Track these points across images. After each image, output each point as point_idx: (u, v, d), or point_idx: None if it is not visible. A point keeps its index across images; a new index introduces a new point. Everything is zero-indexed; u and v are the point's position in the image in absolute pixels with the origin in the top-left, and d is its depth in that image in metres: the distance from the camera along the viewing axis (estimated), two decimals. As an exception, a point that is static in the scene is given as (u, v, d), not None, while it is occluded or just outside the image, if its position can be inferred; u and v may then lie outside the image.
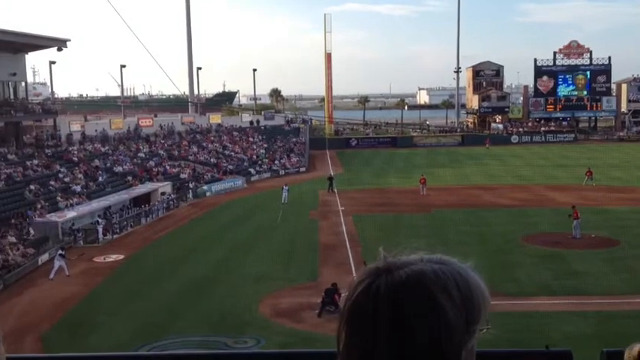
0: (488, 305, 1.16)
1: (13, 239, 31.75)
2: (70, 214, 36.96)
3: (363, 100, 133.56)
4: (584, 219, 32.29)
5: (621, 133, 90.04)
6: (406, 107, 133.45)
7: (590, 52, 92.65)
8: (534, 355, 2.14)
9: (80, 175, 47.04)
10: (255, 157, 66.40)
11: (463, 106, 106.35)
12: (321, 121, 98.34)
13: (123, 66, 76.96)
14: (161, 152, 60.32)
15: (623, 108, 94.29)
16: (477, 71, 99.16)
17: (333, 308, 20.84)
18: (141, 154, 57.76)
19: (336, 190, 47.83)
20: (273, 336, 19.83)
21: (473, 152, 74.08)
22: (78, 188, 43.81)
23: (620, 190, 45.83)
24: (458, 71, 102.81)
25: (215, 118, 77.13)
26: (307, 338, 18.98)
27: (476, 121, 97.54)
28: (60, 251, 29.04)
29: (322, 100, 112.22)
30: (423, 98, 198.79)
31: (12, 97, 52.44)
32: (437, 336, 1.09)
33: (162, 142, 63.88)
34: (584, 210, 34.33)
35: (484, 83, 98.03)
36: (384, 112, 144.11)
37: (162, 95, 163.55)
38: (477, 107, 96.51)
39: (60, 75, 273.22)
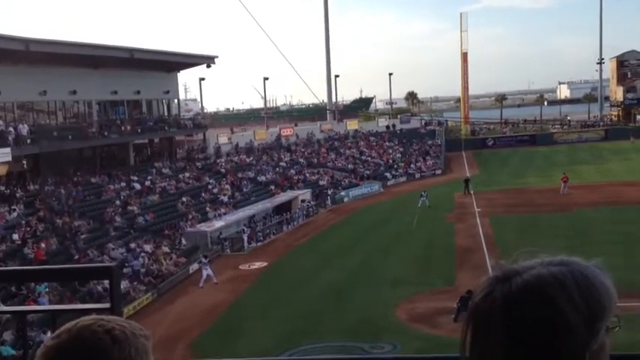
0: (613, 303, 1.12)
1: (166, 249, 33.28)
2: (218, 223, 38.88)
3: (500, 98, 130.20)
4: None
5: None
6: (546, 103, 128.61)
7: None
8: None
9: (227, 186, 49.31)
10: (391, 161, 67.28)
11: (607, 98, 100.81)
12: (456, 122, 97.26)
13: (266, 78, 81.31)
14: (301, 160, 62.40)
15: None
16: (621, 61, 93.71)
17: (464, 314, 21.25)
18: (282, 163, 59.97)
19: (472, 192, 47.75)
20: (410, 341, 20.17)
21: (617, 147, 70.21)
22: (225, 199, 46.12)
23: None
24: (601, 62, 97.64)
25: (352, 125, 78.38)
26: (443, 344, 18.96)
27: (620, 113, 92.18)
28: (203, 259, 30.65)
29: (458, 100, 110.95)
30: (564, 93, 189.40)
31: (166, 113, 55.58)
32: (555, 340, 1.07)
33: (302, 150, 65.84)
34: None
35: (629, 74, 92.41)
36: (523, 109, 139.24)
37: (302, 105, 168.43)
38: (621, 99, 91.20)
39: (208, 90, 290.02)
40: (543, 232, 33.13)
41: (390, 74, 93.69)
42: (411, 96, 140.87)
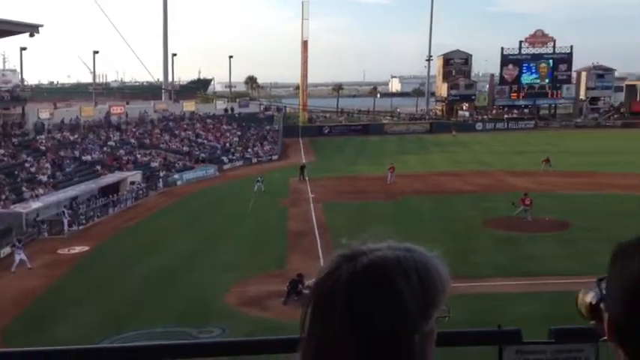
0: (447, 292, 1.19)
1: (-25, 231, 30.74)
2: (35, 204, 36.39)
3: (337, 88, 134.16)
4: (540, 203, 33.73)
5: (578, 120, 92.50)
6: (379, 95, 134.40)
7: (554, 41, 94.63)
8: (487, 334, 2.33)
9: (47, 165, 46.40)
10: (228, 145, 66.70)
11: (433, 94, 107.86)
12: (295, 108, 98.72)
13: (96, 52, 76.67)
14: (132, 140, 60.09)
15: (582, 95, 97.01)
16: (447, 60, 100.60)
17: (296, 298, 21.12)
18: (111, 143, 57.44)
19: (307, 178, 48.60)
20: (238, 325, 19.90)
21: (440, 140, 75.41)
22: (44, 178, 43.45)
23: (575, 175, 47.40)
24: (429, 59, 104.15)
25: (189, 106, 76.81)
26: (272, 326, 18.97)
27: (444, 108, 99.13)
28: (16, 243, 28.67)
29: (297, 87, 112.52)
30: (395, 86, 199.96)
31: (-23, 83, 51.61)
32: (392, 320, 1.13)
33: (134, 129, 63.46)
34: (540, 195, 35.84)
35: (453, 72, 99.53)
36: (358, 99, 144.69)
37: (136, 82, 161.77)
38: (445, 95, 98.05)
39: (30, 61, 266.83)
40: (373, 218, 34.33)
41: (231, 57, 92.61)
42: (251, 80, 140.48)
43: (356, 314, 1.14)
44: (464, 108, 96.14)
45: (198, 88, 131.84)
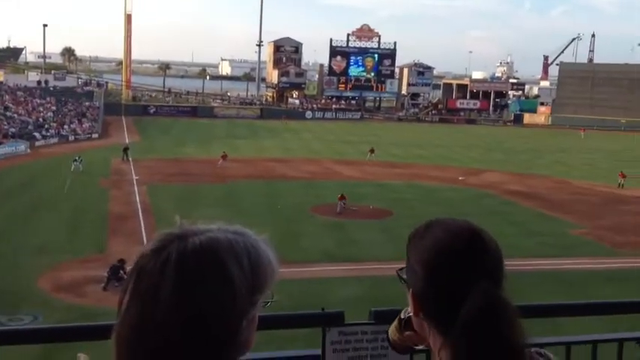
0: (275, 278, 1.20)
1: None
2: None
3: (164, 67, 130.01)
4: (365, 191, 35.10)
5: (400, 114, 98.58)
6: (208, 77, 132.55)
7: (379, 37, 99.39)
8: (311, 316, 2.42)
9: None
10: (41, 120, 61.72)
11: (263, 80, 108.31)
12: (118, 85, 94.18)
13: None
14: None
15: (404, 91, 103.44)
16: (278, 46, 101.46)
17: (117, 284, 20.26)
18: None
19: (130, 159, 46.43)
20: (52, 312, 18.88)
21: (270, 125, 76.11)
22: None
23: (398, 165, 50.21)
24: (260, 45, 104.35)
25: (-4, 75, 70.49)
26: (89, 313, 18.26)
27: (275, 95, 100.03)
28: None
29: (120, 63, 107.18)
30: (226, 69, 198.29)
31: None
32: (221, 302, 1.12)
33: None
34: (365, 184, 37.29)
35: (284, 59, 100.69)
36: (186, 80, 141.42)
37: None
38: (276, 82, 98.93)
39: None
40: (200, 202, 33.76)
41: (45, 26, 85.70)
42: (68, 52, 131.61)
43: (184, 295, 1.10)
44: (294, 96, 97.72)
45: (8, 57, 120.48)
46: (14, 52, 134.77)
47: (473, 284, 1.32)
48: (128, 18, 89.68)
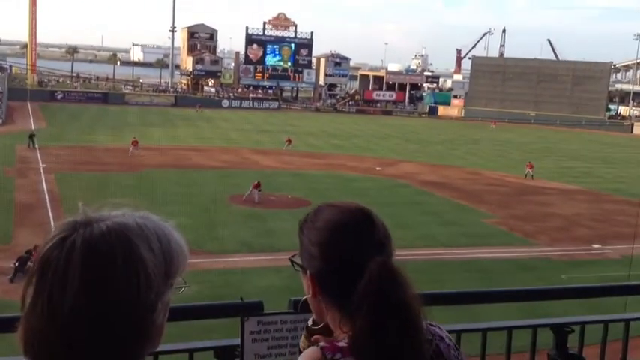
0: (186, 262, 1.20)
1: None
2: None
3: (72, 51, 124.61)
4: (283, 181, 35.11)
5: (318, 104, 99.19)
6: (119, 63, 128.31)
7: (296, 26, 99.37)
8: (230, 306, 2.42)
9: None
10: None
11: (177, 66, 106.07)
12: (22, 69, 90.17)
13: None
14: None
15: (321, 81, 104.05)
16: (192, 33, 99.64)
17: (23, 276, 19.46)
18: None
19: (37, 147, 44.44)
20: None
21: (185, 114, 74.80)
22: None
23: (315, 155, 50.53)
24: (173, 30, 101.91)
25: None
26: None
27: (189, 82, 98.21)
28: None
29: (25, 46, 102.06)
30: (137, 55, 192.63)
31: None
32: (136, 286, 1.10)
33: None
34: (282, 174, 37.27)
35: (198, 46, 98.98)
36: (95, 65, 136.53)
37: None
38: (191, 69, 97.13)
39: None
40: (112, 191, 32.74)
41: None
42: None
43: (94, 281, 1.07)
44: (210, 84, 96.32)
45: None
46: None
47: (366, 257, 1.41)
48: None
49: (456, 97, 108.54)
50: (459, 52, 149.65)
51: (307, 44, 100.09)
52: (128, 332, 1.12)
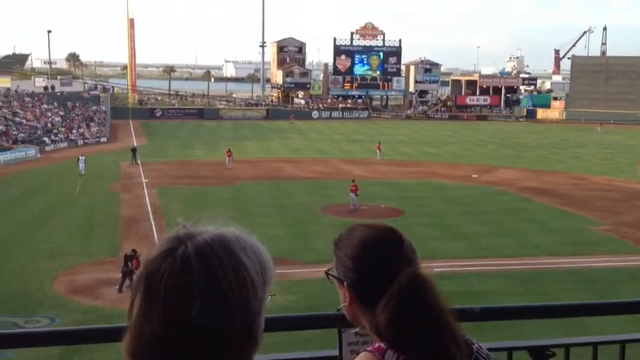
0: (274, 273, 1.25)
1: None
2: None
3: (169, 70, 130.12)
4: (375, 190, 34.95)
5: (408, 112, 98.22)
6: (213, 79, 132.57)
7: (384, 35, 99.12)
8: (326, 317, 2.40)
9: None
10: (50, 125, 62.02)
11: (268, 80, 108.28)
12: (123, 89, 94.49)
13: None
14: (-63, 118, 54.11)
15: (411, 88, 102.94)
16: (281, 47, 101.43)
17: (128, 283, 20.41)
18: None
19: (139, 162, 46.58)
20: (69, 314, 18.97)
21: (277, 126, 76.10)
22: None
23: (407, 164, 50.00)
24: (263, 46, 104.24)
25: (4, 82, 70.73)
26: (106, 314, 18.45)
27: (280, 95, 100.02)
28: None
29: (125, 67, 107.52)
30: (230, 71, 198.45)
31: None
32: (246, 293, 1.15)
33: (-61, 106, 57.33)
34: (375, 183, 37.14)
35: (288, 59, 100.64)
36: (191, 82, 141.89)
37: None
38: (281, 82, 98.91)
39: None
40: (209, 203, 33.72)
41: (49, 32, 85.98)
42: (73, 58, 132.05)
43: (214, 291, 1.11)
44: (299, 96, 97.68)
45: (14, 63, 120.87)
46: (20, 59, 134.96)
47: (396, 269, 1.57)
48: (131, 22, 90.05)
49: (556, 98, 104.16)
50: (556, 52, 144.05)
51: (396, 52, 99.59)
52: (243, 337, 1.16)
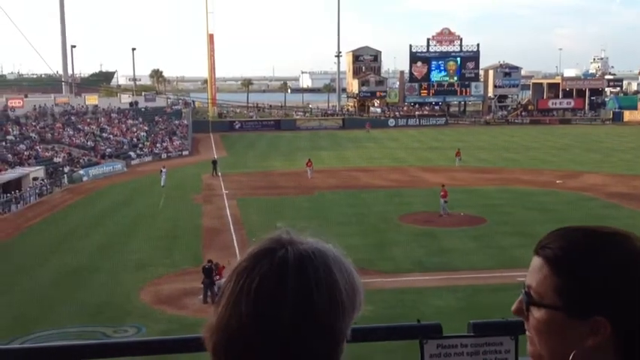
0: (364, 299, 1.19)
1: None
2: None
3: (247, 83, 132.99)
4: (454, 198, 34.38)
5: (488, 117, 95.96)
6: (289, 90, 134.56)
7: (461, 40, 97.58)
8: (407, 328, 2.35)
9: None
10: (135, 139, 64.59)
11: (344, 90, 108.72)
12: (204, 103, 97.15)
13: (-13, 43, 72.03)
14: (32, 135, 57.28)
15: (490, 93, 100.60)
16: (357, 56, 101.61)
17: (216, 289, 20.73)
18: (10, 137, 54.60)
19: (220, 174, 47.69)
20: (155, 324, 19.52)
21: (353, 135, 76.15)
22: None
23: (487, 170, 48.94)
24: (339, 55, 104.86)
25: (92, 99, 74.16)
26: (190, 324, 18.74)
27: (356, 104, 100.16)
28: None
29: (205, 82, 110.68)
30: (306, 82, 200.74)
31: None
32: (335, 312, 1.11)
33: (34, 124, 60.68)
34: (454, 190, 36.52)
35: (363, 68, 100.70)
36: (268, 94, 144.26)
37: (33, 74, 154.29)
38: (356, 91, 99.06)
39: None
40: (287, 213, 34.05)
41: (134, 49, 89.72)
42: (156, 74, 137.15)
43: (302, 301, 1.08)
44: (375, 104, 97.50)
45: (101, 81, 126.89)
46: (106, 76, 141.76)
47: None
48: (210, 38, 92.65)
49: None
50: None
51: (474, 57, 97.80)
52: (324, 356, 1.12)
